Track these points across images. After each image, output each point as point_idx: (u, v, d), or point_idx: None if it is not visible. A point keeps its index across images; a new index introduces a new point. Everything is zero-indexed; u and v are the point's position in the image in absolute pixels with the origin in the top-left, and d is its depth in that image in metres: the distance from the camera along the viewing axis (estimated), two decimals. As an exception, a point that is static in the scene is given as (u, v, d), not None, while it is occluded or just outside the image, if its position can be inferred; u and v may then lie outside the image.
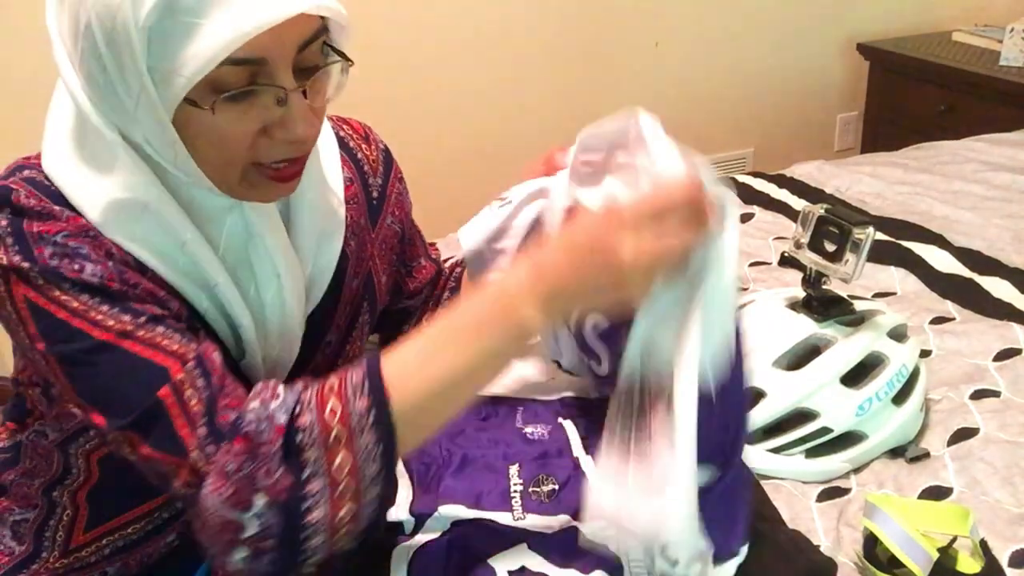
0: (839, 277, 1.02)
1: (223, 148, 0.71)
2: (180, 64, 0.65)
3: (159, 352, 0.70)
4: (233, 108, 0.68)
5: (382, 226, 0.96)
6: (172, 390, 0.69)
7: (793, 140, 3.02)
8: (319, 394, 0.69)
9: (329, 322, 0.89)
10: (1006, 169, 1.86)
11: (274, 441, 0.66)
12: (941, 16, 3.04)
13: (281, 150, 0.72)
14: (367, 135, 0.98)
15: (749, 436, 1.00)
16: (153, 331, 0.71)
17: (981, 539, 0.87)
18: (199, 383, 0.70)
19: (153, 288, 0.73)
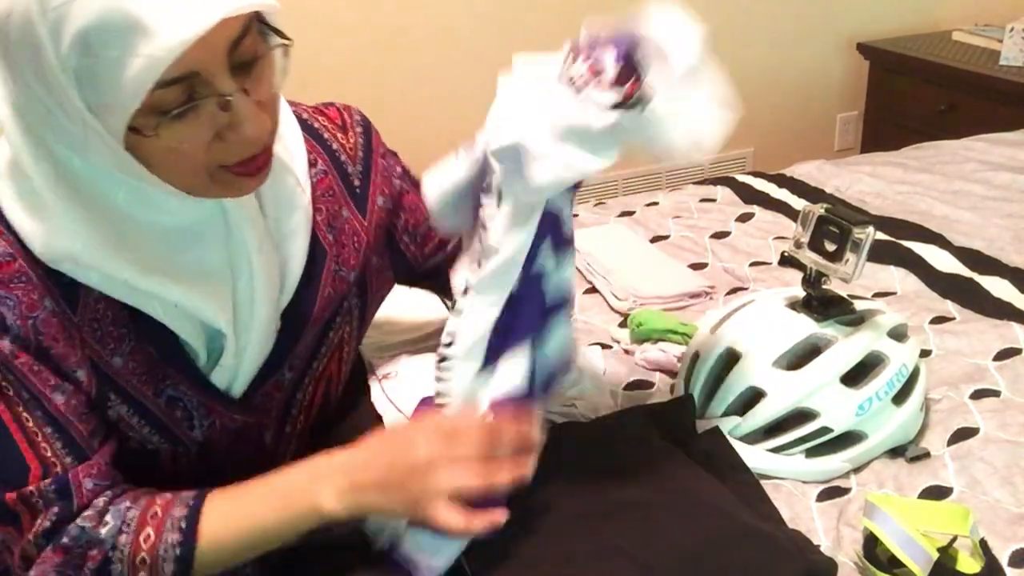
0: (839, 277, 1.02)
1: (180, 164, 0.70)
2: (112, 98, 0.64)
3: (31, 451, 0.75)
4: (179, 126, 0.67)
5: (373, 209, 0.95)
6: (19, 498, 0.74)
7: (793, 140, 3.02)
8: (141, 517, 0.76)
9: (307, 316, 0.89)
10: (1006, 169, 1.86)
11: (94, 561, 0.75)
12: (941, 16, 3.04)
13: (238, 150, 0.72)
14: (344, 123, 0.96)
15: (749, 437, 1.00)
16: (39, 429, 0.75)
17: (981, 539, 0.87)
18: (52, 499, 0.75)
19: (66, 355, 0.75)
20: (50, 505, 0.75)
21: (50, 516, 0.75)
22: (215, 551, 0.77)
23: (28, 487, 0.74)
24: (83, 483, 0.76)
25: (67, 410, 0.76)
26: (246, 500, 0.79)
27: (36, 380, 0.74)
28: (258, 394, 0.87)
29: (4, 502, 0.74)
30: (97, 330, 0.77)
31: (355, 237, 0.93)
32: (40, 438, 0.75)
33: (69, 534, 0.75)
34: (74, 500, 0.75)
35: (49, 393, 0.75)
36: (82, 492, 0.76)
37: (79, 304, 0.76)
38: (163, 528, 0.76)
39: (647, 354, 1.21)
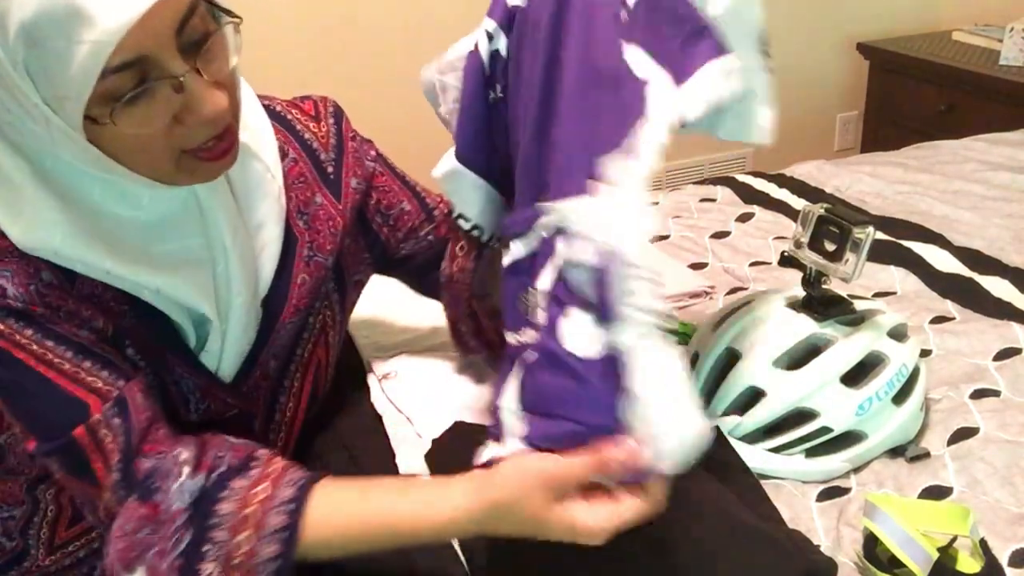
0: (839, 277, 1.02)
1: (143, 151, 0.70)
2: (64, 89, 0.64)
3: (80, 387, 0.73)
4: (134, 111, 0.67)
5: (348, 192, 0.96)
6: (87, 431, 0.72)
7: (793, 140, 3.02)
8: (247, 491, 0.72)
9: (283, 303, 0.89)
10: (1006, 169, 1.86)
11: (177, 525, 0.71)
12: (941, 16, 3.04)
13: (199, 133, 0.72)
14: (318, 113, 0.97)
15: (749, 437, 1.00)
16: (78, 365, 0.74)
17: (981, 539, 0.87)
18: (116, 424, 0.73)
19: (77, 308, 0.74)
20: (116, 434, 0.73)
21: (119, 446, 0.73)
22: (320, 542, 0.73)
23: (93, 416, 0.73)
24: (136, 398, 0.75)
25: (100, 340, 0.75)
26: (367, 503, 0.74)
27: (58, 324, 0.73)
28: (246, 381, 0.88)
29: (76, 444, 0.72)
30: (97, 304, 0.77)
31: (330, 222, 0.93)
32: (83, 373, 0.74)
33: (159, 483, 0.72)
34: (132, 419, 0.74)
35: (76, 331, 0.74)
36: (137, 406, 0.74)
37: (76, 280, 0.75)
38: (267, 509, 0.72)
39: (647, 354, 1.21)
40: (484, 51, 0.87)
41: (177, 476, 0.73)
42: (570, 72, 0.75)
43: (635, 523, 0.69)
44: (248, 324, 0.85)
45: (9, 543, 0.85)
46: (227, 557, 0.71)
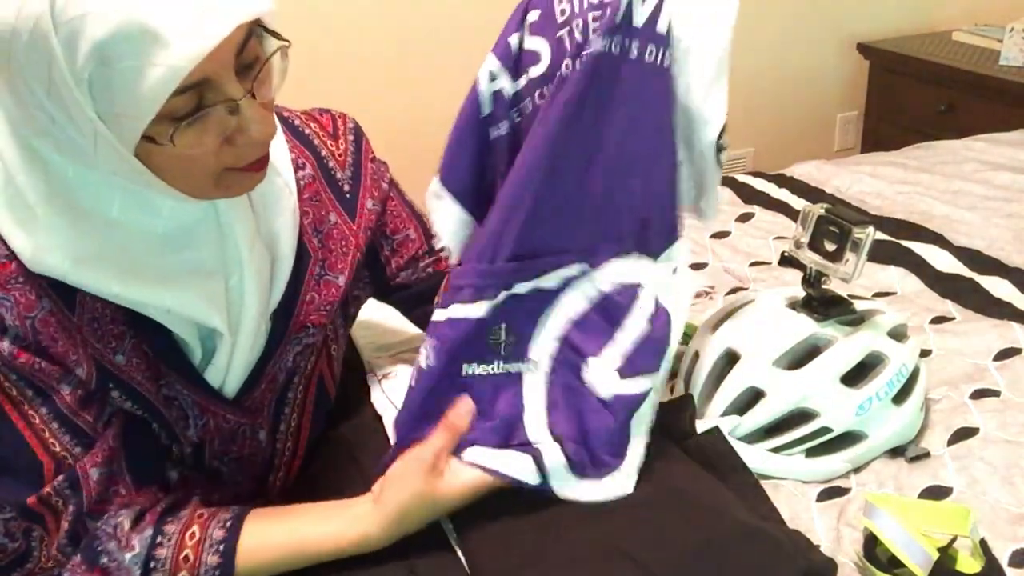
0: (839, 277, 1.02)
1: (190, 169, 0.71)
2: (127, 108, 0.65)
3: (41, 447, 0.76)
4: (190, 132, 0.68)
5: (363, 213, 0.96)
6: (39, 500, 0.76)
7: (793, 140, 3.02)
8: (180, 536, 0.78)
9: (290, 318, 0.89)
10: (1006, 169, 1.86)
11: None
12: (941, 16, 3.04)
13: (248, 153, 0.73)
14: (336, 130, 0.97)
15: (749, 437, 1.00)
16: (47, 426, 0.76)
17: (981, 539, 0.87)
18: (68, 495, 0.77)
19: (65, 353, 0.75)
20: (67, 503, 0.76)
21: (68, 516, 0.76)
22: (252, 573, 0.80)
23: (45, 487, 0.76)
24: (89, 474, 0.77)
25: (72, 401, 0.76)
26: (287, 529, 0.82)
27: (39, 376, 0.75)
28: (250, 394, 0.88)
29: (27, 507, 0.76)
30: (97, 329, 0.77)
31: (343, 242, 0.93)
32: (48, 434, 0.76)
33: (92, 545, 0.77)
34: (83, 493, 0.77)
35: (54, 386, 0.75)
36: (89, 484, 0.77)
37: (76, 304, 0.76)
38: (201, 550, 0.78)
39: (647, 354, 1.21)
40: (485, 89, 0.89)
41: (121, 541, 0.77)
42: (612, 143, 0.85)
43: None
44: (257, 338, 0.85)
45: (12, 544, 0.85)
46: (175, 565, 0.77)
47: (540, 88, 0.86)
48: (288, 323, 0.89)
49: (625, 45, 0.82)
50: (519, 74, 0.88)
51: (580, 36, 0.83)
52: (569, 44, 0.84)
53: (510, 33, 0.88)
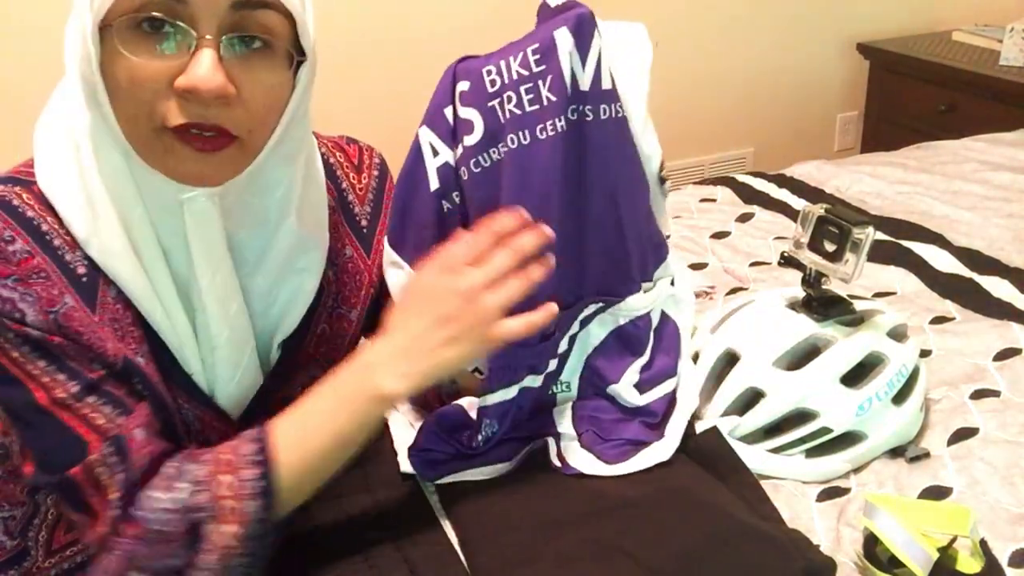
0: (839, 277, 1.02)
1: (133, 89, 0.70)
2: None
3: (83, 424, 0.74)
4: (146, 43, 0.69)
5: (379, 250, 0.96)
6: (84, 470, 0.73)
7: (793, 140, 3.02)
8: (212, 468, 0.75)
9: (298, 349, 0.89)
10: (1006, 169, 1.86)
11: (178, 536, 0.73)
12: (941, 16, 3.04)
13: (186, 109, 0.70)
14: (361, 163, 0.96)
15: (749, 437, 1.00)
16: (83, 401, 0.74)
17: (981, 539, 0.87)
18: (114, 463, 0.74)
19: (93, 339, 0.74)
20: (114, 471, 0.74)
21: (116, 483, 0.74)
22: (296, 473, 0.77)
23: (90, 456, 0.73)
24: (134, 435, 0.75)
25: (108, 375, 0.76)
26: (310, 416, 0.79)
27: (71, 355, 0.74)
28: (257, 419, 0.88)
29: (72, 480, 0.74)
30: (118, 330, 0.77)
31: (357, 276, 0.93)
32: (88, 410, 0.74)
33: (143, 507, 0.73)
34: (130, 456, 0.74)
35: (87, 364, 0.74)
36: (135, 444, 0.75)
37: (98, 303, 0.76)
38: (238, 468, 0.75)
39: (647, 354, 1.21)
40: (430, 164, 0.91)
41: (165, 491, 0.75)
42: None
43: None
44: (245, 363, 0.84)
45: (10, 542, 0.85)
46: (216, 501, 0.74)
47: (475, 156, 0.89)
48: (298, 354, 0.89)
49: (582, 111, 0.89)
50: (456, 144, 0.91)
51: (518, 110, 0.87)
52: (502, 114, 0.88)
53: (442, 105, 0.91)
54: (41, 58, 0.82)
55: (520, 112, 0.87)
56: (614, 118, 0.91)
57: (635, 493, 0.90)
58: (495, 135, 0.88)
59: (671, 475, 0.93)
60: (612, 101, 0.90)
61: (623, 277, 0.96)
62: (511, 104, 0.87)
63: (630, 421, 0.99)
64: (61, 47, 0.74)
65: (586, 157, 0.90)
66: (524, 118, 0.87)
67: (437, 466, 0.94)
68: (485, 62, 0.89)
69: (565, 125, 0.88)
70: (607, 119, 0.90)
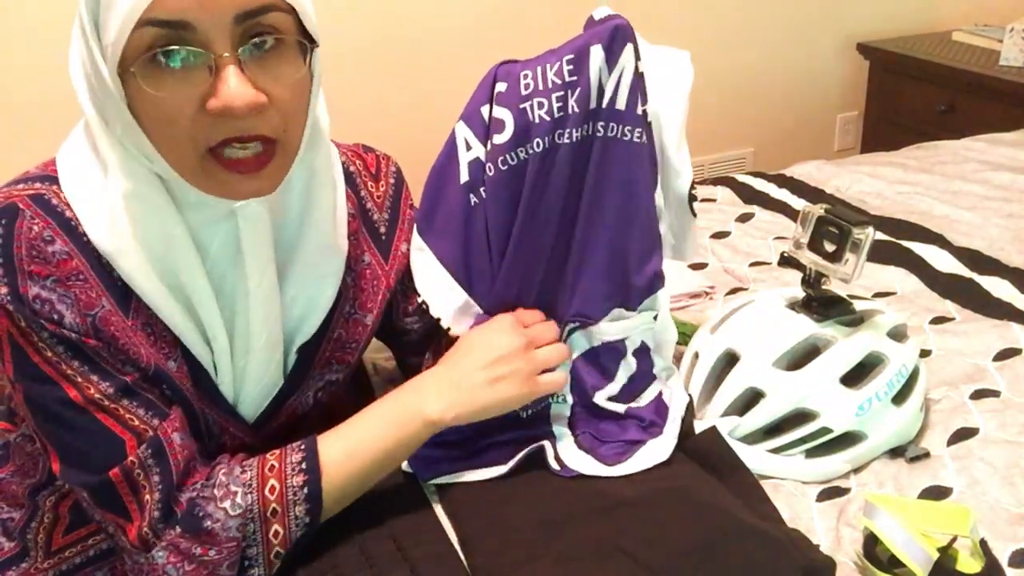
0: (839, 277, 1.02)
1: (168, 125, 0.70)
2: (112, 33, 0.66)
3: (118, 424, 0.75)
4: (169, 78, 0.68)
5: (397, 256, 0.96)
6: (122, 472, 0.75)
7: (793, 140, 3.02)
8: (259, 473, 0.79)
9: (315, 354, 0.90)
10: (1006, 169, 1.86)
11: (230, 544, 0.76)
12: (941, 16, 3.04)
13: (221, 127, 0.71)
14: (378, 172, 0.97)
15: (749, 437, 1.00)
16: (118, 403, 0.75)
17: (981, 539, 0.87)
18: (151, 464, 0.75)
19: (128, 344, 0.75)
20: (150, 473, 0.75)
21: (155, 488, 0.75)
22: (340, 484, 0.81)
23: (128, 458, 0.75)
24: (172, 439, 0.77)
25: (140, 378, 0.77)
26: (358, 431, 0.84)
27: (105, 357, 0.75)
28: (270, 423, 0.89)
29: (111, 482, 0.75)
30: (151, 334, 0.78)
31: (375, 282, 0.94)
32: (123, 411, 0.75)
33: (193, 513, 0.76)
34: (169, 459, 0.76)
35: (120, 367, 0.76)
36: (173, 447, 0.77)
37: (132, 307, 0.76)
38: (285, 474, 0.79)
39: (647, 354, 1.21)
40: (463, 157, 0.94)
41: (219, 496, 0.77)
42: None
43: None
44: (272, 368, 0.85)
45: (8, 543, 0.85)
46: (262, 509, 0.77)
47: (503, 155, 0.92)
48: (314, 358, 0.90)
49: (593, 126, 0.92)
50: (486, 141, 0.93)
51: (547, 116, 0.90)
52: (533, 117, 0.90)
53: (480, 103, 0.94)
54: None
55: (549, 118, 0.90)
56: (621, 140, 0.93)
57: (635, 493, 0.90)
58: (523, 137, 0.91)
59: (671, 475, 0.93)
60: (622, 122, 0.92)
61: (600, 299, 0.98)
62: (542, 110, 0.90)
63: (625, 422, 1.00)
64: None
65: (585, 173, 0.93)
66: (550, 124, 0.90)
67: (435, 466, 0.94)
68: (524, 66, 0.92)
69: (579, 137, 0.91)
70: (612, 138, 0.92)
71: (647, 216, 0.97)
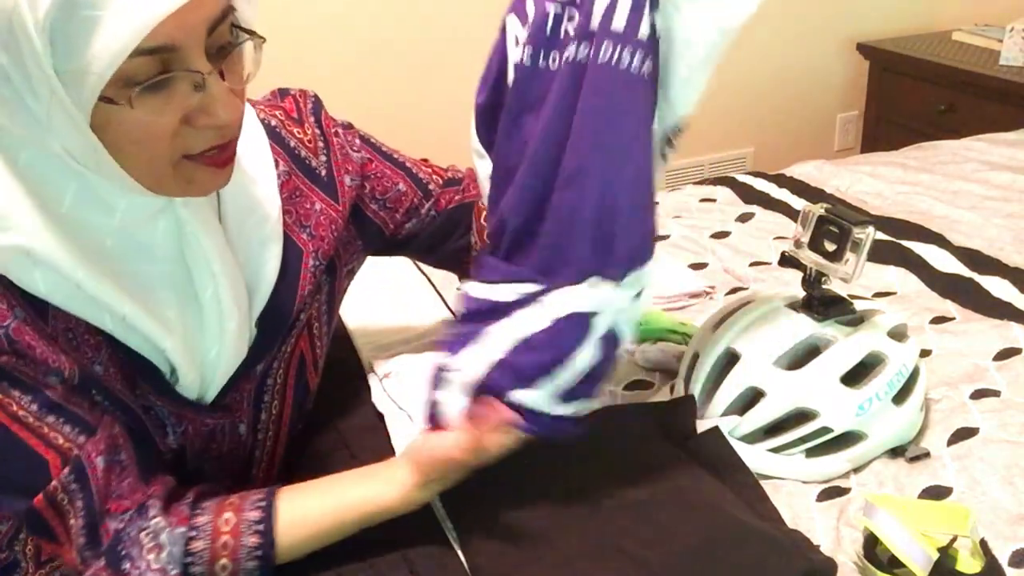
0: (839, 277, 1.02)
1: (147, 144, 0.69)
2: (88, 61, 0.62)
3: (41, 443, 0.73)
4: (152, 100, 0.66)
5: (344, 192, 0.95)
6: (45, 499, 0.73)
7: (793, 140, 3.02)
8: (214, 524, 0.77)
9: (285, 318, 0.89)
10: (1006, 169, 1.86)
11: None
12: (941, 16, 3.04)
13: (206, 137, 0.71)
14: (300, 113, 0.95)
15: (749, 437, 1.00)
16: (43, 420, 0.73)
17: (981, 539, 0.87)
18: (74, 490, 0.74)
19: (46, 353, 0.72)
20: (74, 499, 0.74)
21: (79, 513, 0.74)
22: (294, 547, 0.80)
23: (52, 482, 0.73)
24: (95, 463, 0.75)
25: (63, 392, 0.74)
26: (321, 498, 0.83)
27: (25, 373, 0.72)
28: (229, 395, 0.87)
29: (35, 511, 0.73)
30: (72, 339, 0.75)
31: (333, 225, 0.93)
32: (46, 428, 0.73)
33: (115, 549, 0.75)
34: (91, 484, 0.74)
35: (40, 379, 0.72)
36: (96, 474, 0.75)
37: (49, 315, 0.74)
38: (240, 532, 0.78)
39: (647, 354, 1.21)
40: (512, 56, 0.87)
41: (147, 544, 0.75)
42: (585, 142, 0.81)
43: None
44: (240, 348, 0.84)
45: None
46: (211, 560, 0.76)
47: (530, 51, 0.85)
48: (283, 323, 0.89)
49: (604, 50, 0.79)
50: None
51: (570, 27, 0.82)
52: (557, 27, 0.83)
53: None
54: None
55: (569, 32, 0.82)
56: (617, 66, 0.78)
57: (636, 493, 0.90)
58: (547, 43, 0.83)
59: (671, 475, 0.93)
60: (621, 43, 0.78)
61: (573, 262, 0.82)
62: (569, 21, 0.82)
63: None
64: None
65: (586, 104, 0.80)
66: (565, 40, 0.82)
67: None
68: None
69: (572, 57, 0.81)
70: (624, 68, 0.78)
71: (648, 172, 0.82)
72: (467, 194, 1.06)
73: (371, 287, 1.07)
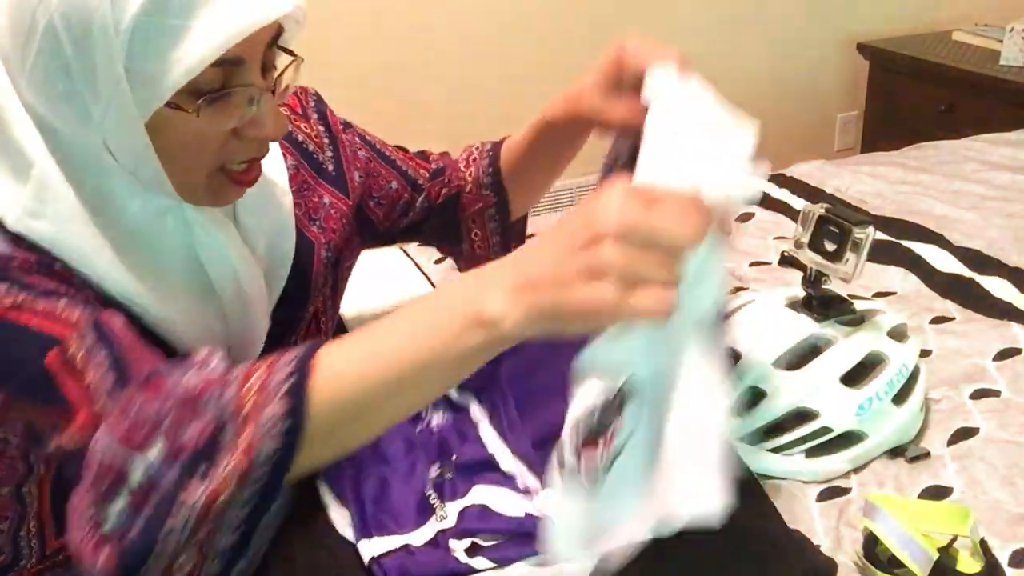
0: (839, 277, 1.02)
1: (197, 151, 0.70)
2: (165, 67, 0.64)
3: (53, 322, 0.64)
4: (213, 110, 0.68)
5: (354, 187, 0.97)
6: (60, 356, 0.62)
7: (793, 140, 3.02)
8: (247, 368, 0.61)
9: (301, 312, 0.89)
10: (1006, 169, 1.86)
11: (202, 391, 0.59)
12: (941, 16, 3.04)
13: (249, 149, 0.73)
14: (305, 110, 0.97)
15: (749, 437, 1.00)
16: (51, 303, 0.65)
17: (981, 539, 0.86)
18: (96, 346, 0.64)
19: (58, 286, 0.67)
20: (94, 352, 0.63)
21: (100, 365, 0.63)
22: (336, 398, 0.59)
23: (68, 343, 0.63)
24: (113, 323, 0.66)
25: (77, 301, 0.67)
26: (380, 332, 0.60)
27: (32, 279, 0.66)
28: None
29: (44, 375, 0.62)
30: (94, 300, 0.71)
31: (343, 219, 0.94)
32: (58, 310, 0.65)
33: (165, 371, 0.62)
34: (113, 340, 0.64)
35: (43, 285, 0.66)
36: (116, 331, 0.65)
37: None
38: (273, 368, 0.60)
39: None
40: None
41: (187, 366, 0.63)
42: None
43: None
44: (258, 344, 0.85)
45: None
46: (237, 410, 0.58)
47: None
48: (299, 317, 0.90)
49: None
50: None
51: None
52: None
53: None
54: None
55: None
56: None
57: (635, 493, 0.90)
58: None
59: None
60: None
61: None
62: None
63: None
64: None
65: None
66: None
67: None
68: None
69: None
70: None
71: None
72: (451, 185, 1.06)
73: (367, 284, 1.08)
